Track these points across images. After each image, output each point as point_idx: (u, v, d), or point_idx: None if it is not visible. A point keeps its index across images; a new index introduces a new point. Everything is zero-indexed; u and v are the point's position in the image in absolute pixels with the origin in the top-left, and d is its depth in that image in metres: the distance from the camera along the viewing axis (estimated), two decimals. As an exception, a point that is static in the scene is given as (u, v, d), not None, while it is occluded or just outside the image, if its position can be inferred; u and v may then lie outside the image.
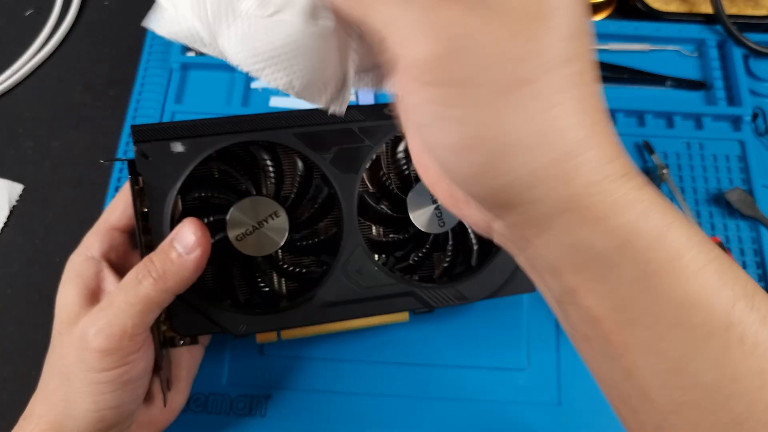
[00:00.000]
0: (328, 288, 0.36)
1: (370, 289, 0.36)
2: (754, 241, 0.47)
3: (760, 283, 0.46)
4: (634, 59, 0.54)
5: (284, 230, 0.36)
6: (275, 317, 0.36)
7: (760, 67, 0.53)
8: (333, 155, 0.36)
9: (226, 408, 0.43)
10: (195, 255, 0.32)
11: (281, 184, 0.38)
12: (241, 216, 0.36)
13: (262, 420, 0.43)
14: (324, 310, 0.36)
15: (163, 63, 0.55)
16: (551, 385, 0.43)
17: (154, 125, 0.35)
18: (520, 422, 0.42)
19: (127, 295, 0.31)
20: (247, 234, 0.36)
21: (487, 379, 0.43)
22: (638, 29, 0.55)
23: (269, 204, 0.36)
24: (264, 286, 0.37)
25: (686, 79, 0.53)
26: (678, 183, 0.49)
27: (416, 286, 0.36)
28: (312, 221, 0.38)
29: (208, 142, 0.35)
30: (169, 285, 0.32)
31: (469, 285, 0.37)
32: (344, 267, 0.36)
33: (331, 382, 0.43)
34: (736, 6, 0.56)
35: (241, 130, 0.35)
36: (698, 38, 0.55)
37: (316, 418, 0.43)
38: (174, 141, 0.34)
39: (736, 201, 0.47)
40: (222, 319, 0.35)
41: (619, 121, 0.52)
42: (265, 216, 0.36)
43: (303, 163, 0.38)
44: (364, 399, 0.43)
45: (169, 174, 0.34)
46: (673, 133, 0.51)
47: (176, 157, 0.34)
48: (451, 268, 0.38)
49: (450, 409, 0.43)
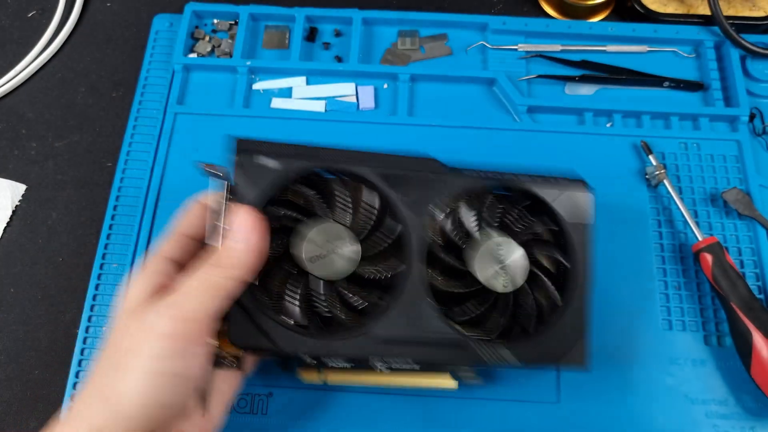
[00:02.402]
0: (385, 324, 0.36)
1: (425, 334, 0.36)
2: (751, 241, 0.48)
3: (757, 283, 0.46)
4: (631, 60, 0.55)
5: (355, 260, 0.37)
6: (327, 344, 0.36)
7: (757, 68, 0.53)
8: (409, 197, 0.38)
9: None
10: (252, 240, 0.33)
11: (356, 216, 0.39)
12: (316, 238, 0.37)
13: (264, 418, 0.43)
14: (375, 345, 0.36)
15: (165, 64, 0.55)
16: (551, 384, 0.44)
17: (256, 141, 0.37)
18: (519, 421, 0.43)
19: (193, 281, 0.32)
20: (320, 257, 0.37)
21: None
22: (636, 31, 0.55)
23: (344, 232, 0.37)
24: (326, 312, 0.37)
25: (684, 80, 0.53)
26: (676, 183, 0.50)
27: (471, 341, 0.37)
28: (381, 257, 0.39)
29: (300, 164, 0.37)
30: (233, 272, 0.33)
31: (524, 348, 0.37)
32: (404, 307, 0.37)
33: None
34: (733, 7, 0.57)
35: (333, 158, 0.38)
36: (695, 39, 0.55)
37: (318, 416, 0.43)
38: (269, 158, 0.37)
39: (733, 201, 0.47)
40: (277, 335, 0.35)
41: (617, 122, 0.52)
42: (338, 242, 0.37)
43: (380, 200, 0.39)
44: (366, 397, 0.43)
45: (258, 186, 0.36)
46: (671, 133, 0.51)
47: (267, 172, 0.37)
48: (508, 331, 0.39)
49: (450, 407, 0.43)
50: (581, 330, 0.38)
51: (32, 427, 0.45)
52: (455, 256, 0.39)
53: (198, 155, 0.51)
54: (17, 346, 0.47)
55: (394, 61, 0.55)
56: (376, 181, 0.38)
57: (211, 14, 0.57)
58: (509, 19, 0.56)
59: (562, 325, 0.38)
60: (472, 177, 0.39)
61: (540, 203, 0.40)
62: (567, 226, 0.39)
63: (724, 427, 0.42)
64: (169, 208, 0.49)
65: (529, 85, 0.54)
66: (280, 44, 0.57)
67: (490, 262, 0.38)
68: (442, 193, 0.39)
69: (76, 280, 0.49)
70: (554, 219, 0.40)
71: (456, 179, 0.39)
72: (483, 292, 0.38)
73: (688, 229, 0.47)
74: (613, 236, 0.48)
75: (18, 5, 0.61)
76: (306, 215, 0.38)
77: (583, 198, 0.40)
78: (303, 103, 0.54)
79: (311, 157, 0.38)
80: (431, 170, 0.39)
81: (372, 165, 0.38)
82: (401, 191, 0.38)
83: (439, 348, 0.37)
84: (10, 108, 0.56)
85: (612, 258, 0.47)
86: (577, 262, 0.39)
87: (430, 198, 0.38)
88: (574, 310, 0.38)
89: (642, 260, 0.47)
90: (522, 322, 0.39)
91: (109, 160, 0.53)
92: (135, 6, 0.60)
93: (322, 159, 0.38)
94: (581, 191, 0.40)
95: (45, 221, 0.51)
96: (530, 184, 0.39)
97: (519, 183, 0.40)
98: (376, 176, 0.38)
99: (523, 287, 0.39)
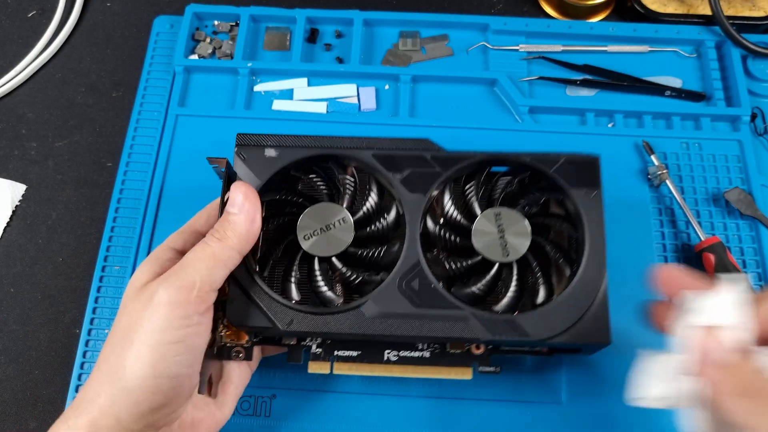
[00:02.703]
0: (381, 299, 0.36)
1: (422, 308, 0.36)
2: (753, 241, 0.48)
3: (759, 283, 0.46)
4: (632, 60, 0.55)
5: (350, 235, 0.38)
6: (323, 319, 0.36)
7: (759, 68, 0.53)
8: (404, 176, 0.38)
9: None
10: (245, 209, 0.35)
11: (354, 198, 0.40)
12: (311, 218, 0.38)
13: (267, 420, 0.43)
14: (372, 321, 0.36)
15: (166, 66, 0.55)
16: (556, 385, 0.44)
17: (255, 135, 0.39)
18: (524, 421, 0.43)
19: (194, 253, 0.34)
20: (314, 234, 0.38)
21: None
22: (637, 31, 0.55)
23: (337, 210, 0.38)
24: (323, 287, 0.38)
25: (686, 90, 0.53)
26: (677, 183, 0.50)
27: (472, 312, 0.36)
28: (378, 236, 0.39)
29: (297, 152, 0.39)
30: (231, 242, 0.34)
31: (530, 319, 0.36)
32: (400, 281, 0.37)
33: (334, 382, 0.44)
34: (733, 8, 0.57)
35: (328, 146, 0.39)
36: (696, 39, 0.55)
37: (321, 418, 0.43)
38: (268, 148, 0.39)
39: (735, 201, 0.47)
40: (274, 311, 0.36)
41: (618, 122, 0.52)
42: (333, 220, 0.38)
43: (377, 182, 0.40)
44: (370, 398, 0.43)
45: (258, 173, 0.39)
46: (673, 133, 0.51)
47: (267, 161, 0.39)
48: (514, 304, 0.37)
49: (455, 408, 0.43)
50: (594, 301, 0.36)
51: (32, 427, 0.44)
52: (455, 232, 0.39)
53: (200, 157, 0.51)
54: (17, 346, 0.47)
55: (395, 62, 0.55)
56: (372, 163, 0.39)
57: (212, 16, 0.57)
58: (510, 19, 0.56)
59: (572, 296, 0.36)
60: (468, 154, 0.39)
61: (539, 173, 0.39)
62: (571, 193, 0.38)
63: (727, 427, 0.42)
64: (170, 210, 0.49)
65: (530, 86, 0.54)
66: (281, 46, 0.57)
67: (489, 231, 0.38)
68: (438, 171, 0.39)
69: (76, 280, 0.49)
70: (557, 188, 0.38)
71: (452, 156, 0.39)
72: (484, 263, 0.38)
73: (691, 229, 0.47)
74: (616, 236, 0.47)
75: (18, 5, 0.61)
76: (305, 199, 0.40)
77: (587, 161, 0.38)
78: (304, 105, 0.54)
79: (309, 145, 0.39)
80: (427, 149, 0.39)
81: (368, 148, 0.39)
82: (397, 171, 0.39)
83: (439, 322, 0.36)
84: (10, 108, 0.56)
85: (614, 258, 0.47)
86: (584, 230, 0.37)
87: (427, 176, 0.39)
88: (584, 280, 0.36)
89: (644, 260, 0.47)
90: (530, 294, 0.38)
91: (109, 160, 0.53)
92: (135, 6, 0.60)
93: (320, 146, 0.39)
94: (584, 155, 0.39)
95: (45, 221, 0.51)
96: (526, 156, 0.39)
97: (514, 156, 0.39)
98: (373, 158, 0.39)
99: (526, 257, 0.38)
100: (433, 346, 0.39)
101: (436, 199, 0.40)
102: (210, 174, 0.52)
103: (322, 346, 0.39)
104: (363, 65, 0.54)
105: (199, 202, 0.49)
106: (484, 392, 0.43)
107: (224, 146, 0.51)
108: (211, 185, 0.50)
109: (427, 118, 0.53)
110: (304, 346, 0.39)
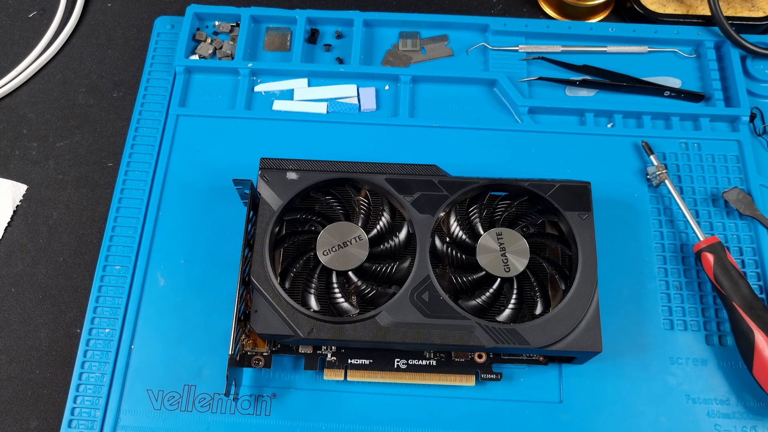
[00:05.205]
0: (394, 309, 0.40)
1: (432, 318, 0.40)
2: (752, 241, 0.48)
3: (758, 283, 0.46)
4: (631, 61, 0.55)
5: (365, 251, 0.42)
6: (341, 328, 0.40)
7: (758, 68, 0.53)
8: (414, 198, 0.43)
9: (231, 407, 0.43)
10: None
11: (368, 218, 0.44)
12: (330, 235, 0.42)
13: (267, 419, 0.43)
14: (386, 329, 0.40)
15: (167, 66, 0.55)
16: (554, 385, 0.44)
17: (277, 159, 0.44)
18: (523, 421, 0.43)
19: None
20: (332, 250, 0.42)
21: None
22: (636, 31, 0.55)
23: (354, 228, 0.42)
24: (340, 299, 0.41)
25: (685, 90, 0.53)
26: (677, 183, 0.50)
27: (477, 322, 0.40)
28: (390, 253, 0.43)
29: (316, 175, 0.43)
30: None
31: (530, 328, 0.39)
32: (412, 293, 0.40)
33: (335, 382, 0.44)
34: (732, 8, 0.57)
35: (344, 170, 0.44)
36: (696, 40, 0.55)
37: (321, 417, 0.43)
38: (290, 171, 0.43)
39: (734, 201, 0.48)
40: (295, 320, 0.40)
41: (618, 122, 0.52)
42: (349, 238, 0.42)
43: (389, 204, 0.44)
44: (369, 397, 0.43)
45: (280, 194, 0.43)
46: (672, 133, 0.52)
47: (289, 183, 0.43)
48: (515, 315, 0.41)
49: (454, 408, 0.43)
50: (587, 312, 0.40)
51: (33, 426, 0.44)
52: (461, 250, 0.43)
53: (200, 157, 0.51)
54: (18, 346, 0.47)
55: (395, 62, 0.56)
56: (385, 186, 0.43)
57: (213, 16, 0.58)
58: (510, 20, 0.56)
59: (567, 308, 0.40)
60: (471, 180, 0.43)
61: (536, 197, 0.43)
62: (565, 216, 0.42)
63: (725, 427, 0.42)
64: (171, 210, 0.49)
65: (529, 87, 0.54)
66: (282, 46, 0.57)
67: (492, 249, 0.42)
68: (445, 194, 0.43)
69: (77, 280, 0.49)
70: (552, 210, 0.43)
71: (457, 181, 0.43)
72: (488, 277, 0.41)
73: (690, 229, 0.48)
74: (614, 236, 0.48)
75: (19, 5, 0.61)
76: (323, 218, 0.43)
77: (580, 187, 0.43)
78: (305, 105, 0.54)
79: (327, 169, 0.43)
80: (434, 174, 0.44)
81: (381, 173, 0.43)
82: (408, 194, 0.43)
83: (448, 331, 0.39)
84: (11, 108, 0.56)
85: (613, 258, 0.47)
86: (578, 249, 0.41)
87: (435, 199, 0.43)
88: (578, 294, 0.40)
89: (643, 260, 0.47)
90: (529, 306, 0.42)
91: (110, 160, 0.53)
92: (136, 6, 0.60)
93: (337, 170, 0.44)
94: (577, 182, 0.43)
95: (46, 221, 0.51)
96: (524, 182, 0.43)
97: (513, 182, 0.43)
98: (386, 182, 0.43)
99: (526, 273, 0.42)
100: (439, 355, 0.43)
101: (443, 219, 0.44)
102: (210, 174, 0.52)
103: (337, 354, 0.43)
104: (363, 66, 0.55)
105: (199, 202, 0.50)
106: (485, 392, 0.43)
107: (225, 146, 0.52)
108: (211, 185, 0.50)
109: (427, 118, 0.53)
110: (320, 354, 0.43)
